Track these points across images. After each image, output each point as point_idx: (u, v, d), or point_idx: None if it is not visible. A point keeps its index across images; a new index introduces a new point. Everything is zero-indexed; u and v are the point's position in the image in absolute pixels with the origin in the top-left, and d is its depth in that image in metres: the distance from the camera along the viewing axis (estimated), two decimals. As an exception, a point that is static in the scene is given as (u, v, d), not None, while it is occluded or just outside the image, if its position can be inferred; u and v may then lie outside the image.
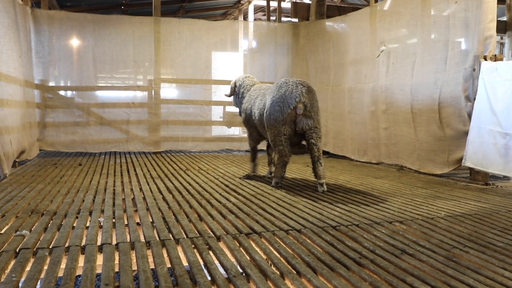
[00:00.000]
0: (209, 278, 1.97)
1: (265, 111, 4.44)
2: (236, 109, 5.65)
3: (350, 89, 6.86)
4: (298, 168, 5.98)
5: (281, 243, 2.51)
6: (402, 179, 5.12)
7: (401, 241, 2.55)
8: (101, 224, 2.86)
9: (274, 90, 4.38)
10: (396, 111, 5.75)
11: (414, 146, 5.45)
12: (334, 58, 7.34)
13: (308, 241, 2.56)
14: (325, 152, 7.90)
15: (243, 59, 8.39)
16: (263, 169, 5.59)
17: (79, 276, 2.03)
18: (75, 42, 7.45)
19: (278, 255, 2.31)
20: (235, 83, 5.30)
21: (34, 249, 2.30)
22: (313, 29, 7.95)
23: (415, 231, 2.80)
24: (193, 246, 2.40)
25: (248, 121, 5.03)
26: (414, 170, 5.60)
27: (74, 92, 7.58)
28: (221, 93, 8.10)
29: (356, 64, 6.77)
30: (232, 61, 8.37)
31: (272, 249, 2.40)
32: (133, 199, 3.74)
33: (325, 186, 4.22)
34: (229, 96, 5.39)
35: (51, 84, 7.42)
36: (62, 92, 7.52)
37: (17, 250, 2.29)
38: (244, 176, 5.15)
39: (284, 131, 4.25)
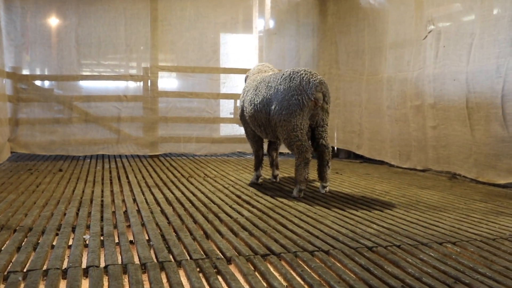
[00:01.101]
0: (217, 309, 1.98)
1: (273, 107, 4.55)
2: None
3: (390, 78, 6.82)
4: (325, 176, 5.96)
5: (305, 266, 2.51)
6: (454, 190, 5.07)
7: (455, 267, 2.52)
8: (87, 242, 2.88)
9: (283, 82, 4.50)
10: (447, 105, 5.70)
11: (470, 149, 5.40)
12: (370, 40, 7.31)
13: (338, 264, 2.55)
14: (359, 156, 7.88)
15: (258, 43, 8.41)
16: (283, 174, 5.58)
17: (60, 305, 2.05)
18: (54, 21, 7.54)
19: (302, 282, 2.30)
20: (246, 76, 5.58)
21: (5, 273, 2.32)
22: (344, 5, 7.92)
23: (472, 254, 2.77)
24: (198, 269, 2.41)
25: (241, 116, 5.30)
26: (470, 179, 5.55)
27: (53, 82, 7.67)
28: (232, 83, 8.12)
29: (397, 48, 6.73)
30: (245, 45, 8.39)
31: (294, 274, 2.39)
32: (125, 212, 3.77)
33: (328, 188, 4.76)
34: None
35: (25, 72, 7.53)
36: (38, 82, 7.62)
37: (-14, 273, 2.32)
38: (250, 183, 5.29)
39: (301, 125, 4.44)
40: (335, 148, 8.31)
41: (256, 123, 4.90)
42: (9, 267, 2.42)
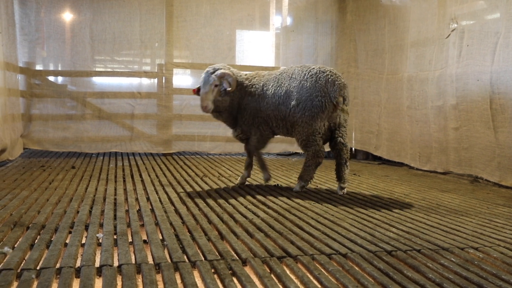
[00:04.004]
0: (233, 311, 1.98)
1: (294, 102, 4.56)
2: None
3: (410, 78, 6.78)
4: (343, 177, 5.94)
5: (322, 270, 2.50)
6: (477, 194, 5.03)
7: (477, 273, 2.50)
8: (100, 241, 2.91)
9: (309, 79, 4.53)
10: (470, 106, 5.65)
11: (493, 151, 5.35)
12: (391, 38, 7.27)
13: (356, 268, 2.55)
14: (377, 158, 7.84)
15: (275, 40, 8.40)
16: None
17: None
18: (68, 16, 7.61)
19: (319, 285, 2.30)
20: (236, 78, 4.86)
21: (18, 270, 2.35)
22: (364, 3, 7.88)
23: (495, 260, 2.74)
24: (213, 270, 2.42)
25: (255, 118, 4.86)
26: (493, 183, 5.49)
27: (66, 78, 7.73)
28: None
29: (418, 47, 6.68)
30: (262, 42, 8.40)
31: (311, 277, 2.39)
32: (139, 211, 3.80)
33: (345, 190, 4.79)
34: (232, 91, 4.80)
35: (39, 67, 7.61)
36: (52, 78, 7.69)
37: (-2, 270, 2.35)
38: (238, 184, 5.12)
39: (320, 129, 4.54)
40: (353, 148, 8.28)
41: (278, 117, 4.74)
42: (22, 265, 2.45)
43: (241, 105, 4.90)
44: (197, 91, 4.93)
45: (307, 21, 8.34)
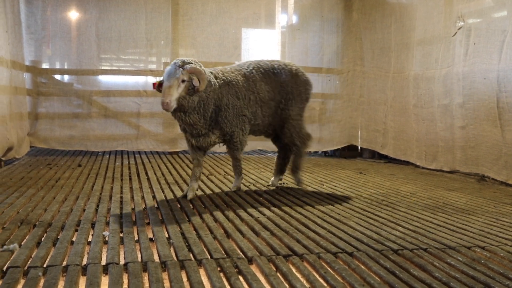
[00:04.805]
0: (239, 309, 1.98)
1: (290, 98, 4.74)
2: None
3: (417, 76, 6.76)
4: (348, 176, 5.93)
5: (328, 268, 2.50)
6: (483, 193, 5.01)
7: (484, 273, 2.49)
8: (106, 239, 2.92)
9: (299, 74, 4.83)
10: (477, 105, 5.63)
11: (500, 150, 5.33)
12: (397, 37, 7.25)
13: (363, 267, 2.54)
14: (383, 156, 7.83)
15: (280, 38, 8.40)
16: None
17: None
18: (74, 14, 7.63)
19: (325, 284, 2.30)
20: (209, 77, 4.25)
21: (25, 268, 2.36)
22: (370, 1, 7.87)
23: (502, 260, 2.73)
24: (219, 269, 2.43)
25: (239, 117, 4.51)
26: (500, 182, 5.47)
27: (72, 76, 7.75)
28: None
29: (424, 45, 6.66)
30: (267, 40, 8.39)
31: (317, 276, 2.39)
32: (145, 209, 3.81)
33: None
34: (200, 90, 4.07)
35: (45, 66, 7.63)
36: (58, 76, 7.71)
37: (4, 268, 2.35)
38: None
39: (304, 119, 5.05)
40: (359, 147, 8.27)
41: (267, 113, 4.67)
42: (29, 262, 2.46)
43: (220, 106, 4.32)
44: (158, 86, 4.08)
45: (312, 19, 8.32)
